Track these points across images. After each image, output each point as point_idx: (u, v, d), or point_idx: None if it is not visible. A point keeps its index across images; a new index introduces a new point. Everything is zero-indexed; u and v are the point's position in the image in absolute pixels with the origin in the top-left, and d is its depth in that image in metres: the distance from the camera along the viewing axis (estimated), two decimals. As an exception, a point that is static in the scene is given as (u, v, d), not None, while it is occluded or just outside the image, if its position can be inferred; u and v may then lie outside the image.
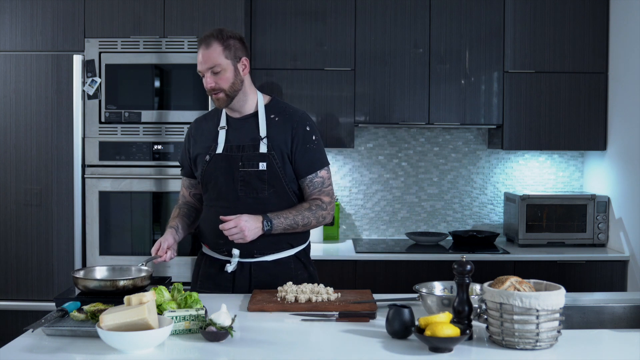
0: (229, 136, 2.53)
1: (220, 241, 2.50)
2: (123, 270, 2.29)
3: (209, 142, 2.56)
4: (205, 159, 2.53)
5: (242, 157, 2.48)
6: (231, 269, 2.50)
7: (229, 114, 2.58)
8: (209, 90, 2.47)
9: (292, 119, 2.54)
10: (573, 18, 3.83)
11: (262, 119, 2.53)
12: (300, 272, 2.57)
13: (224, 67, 2.44)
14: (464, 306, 1.85)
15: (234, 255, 2.49)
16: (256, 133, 2.51)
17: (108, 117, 3.48)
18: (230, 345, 1.82)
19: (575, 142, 3.86)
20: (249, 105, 2.55)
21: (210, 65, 2.43)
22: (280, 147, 2.49)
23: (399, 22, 3.82)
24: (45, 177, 3.50)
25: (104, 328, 1.74)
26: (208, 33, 2.48)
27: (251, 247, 2.47)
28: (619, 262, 3.62)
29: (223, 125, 2.55)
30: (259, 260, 2.51)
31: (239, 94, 2.49)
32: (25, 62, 3.49)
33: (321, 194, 2.54)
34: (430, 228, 4.21)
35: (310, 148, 2.52)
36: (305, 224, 2.48)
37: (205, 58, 2.44)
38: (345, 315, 2.06)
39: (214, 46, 2.44)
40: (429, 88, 3.83)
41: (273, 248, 2.51)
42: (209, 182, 2.54)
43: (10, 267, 3.51)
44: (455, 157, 4.20)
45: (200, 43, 2.47)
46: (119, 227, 3.49)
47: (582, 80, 3.84)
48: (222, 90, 2.46)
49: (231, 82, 2.46)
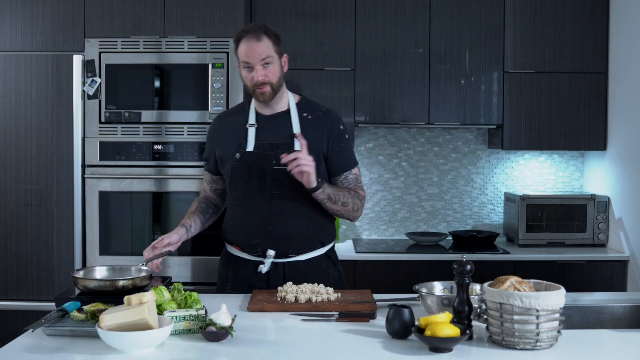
0: (260, 134, 2.51)
1: (254, 241, 2.49)
2: (123, 270, 2.29)
3: (237, 140, 2.52)
4: (235, 157, 2.50)
5: (277, 155, 2.43)
6: (265, 270, 2.48)
7: (258, 111, 2.55)
8: (258, 83, 2.43)
9: (326, 117, 2.55)
10: (573, 18, 3.83)
11: (294, 117, 2.53)
12: (331, 270, 2.58)
13: (274, 60, 2.45)
14: (464, 306, 1.85)
15: (269, 255, 2.47)
16: (290, 131, 2.50)
17: (108, 117, 3.49)
18: (230, 345, 1.82)
19: (575, 142, 3.86)
20: (282, 103, 2.55)
21: (264, 56, 2.42)
22: (315, 145, 2.48)
23: (399, 22, 3.82)
24: (45, 177, 3.50)
25: (104, 328, 1.74)
26: (252, 26, 2.45)
27: (286, 246, 2.48)
28: (619, 262, 3.62)
29: (252, 123, 2.53)
30: (293, 260, 2.50)
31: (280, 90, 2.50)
32: (25, 62, 3.49)
33: (357, 188, 2.57)
34: (430, 228, 4.21)
35: (344, 147, 2.55)
36: (343, 203, 2.47)
37: (258, 50, 2.41)
38: (345, 315, 2.06)
39: (264, 39, 2.43)
40: (429, 88, 3.83)
41: (306, 247, 2.52)
42: (239, 180, 2.51)
43: (10, 267, 3.51)
44: (455, 157, 4.20)
45: (244, 35, 2.44)
46: (119, 227, 3.49)
47: (582, 80, 3.84)
48: (270, 83, 2.44)
49: (278, 76, 2.47)
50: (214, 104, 3.45)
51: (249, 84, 2.46)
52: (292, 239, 2.47)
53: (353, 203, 2.51)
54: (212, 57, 3.46)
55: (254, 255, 2.52)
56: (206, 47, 3.46)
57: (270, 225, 2.47)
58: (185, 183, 3.47)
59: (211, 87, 3.45)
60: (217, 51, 3.46)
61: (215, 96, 3.45)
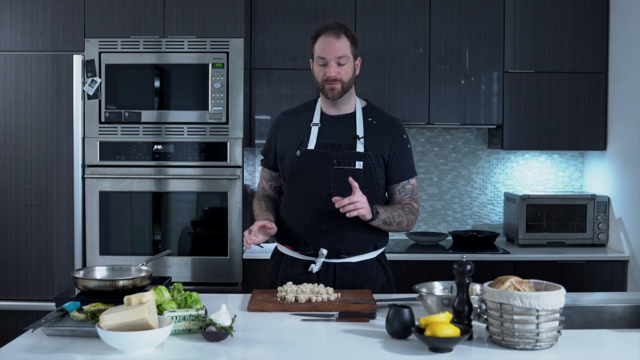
0: (323, 133, 2.52)
1: (307, 239, 2.48)
2: (123, 270, 2.28)
3: (299, 137, 2.53)
4: (295, 154, 2.51)
5: (338, 155, 2.47)
6: (316, 269, 2.48)
7: (324, 111, 2.57)
8: (330, 78, 2.45)
9: (392, 125, 2.57)
10: (573, 18, 3.83)
11: (359, 120, 2.54)
12: (380, 275, 2.57)
13: (349, 60, 2.47)
14: (464, 306, 1.85)
15: (321, 254, 2.47)
16: (353, 133, 2.52)
17: (108, 117, 3.49)
18: (230, 345, 1.82)
19: (575, 142, 3.86)
20: (350, 105, 2.56)
21: (340, 54, 2.44)
22: (377, 150, 2.50)
23: (399, 22, 3.82)
24: (45, 177, 3.50)
25: (104, 328, 1.74)
26: (333, 24, 2.49)
27: (339, 246, 2.47)
28: (619, 262, 3.62)
29: (317, 122, 2.54)
30: (344, 261, 2.50)
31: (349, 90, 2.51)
32: (25, 62, 3.49)
33: (412, 200, 2.58)
34: (430, 228, 4.21)
35: (405, 155, 2.56)
36: (398, 223, 2.50)
37: (336, 47, 2.44)
38: (345, 315, 2.06)
39: (343, 38, 2.46)
40: (429, 88, 3.83)
41: (359, 249, 2.51)
42: (297, 178, 2.51)
43: (10, 267, 3.51)
44: (455, 157, 4.20)
45: (324, 31, 2.47)
46: (119, 227, 3.49)
47: (582, 80, 3.84)
48: (341, 81, 2.46)
49: (350, 75, 2.49)
50: (214, 104, 3.45)
51: (319, 79, 2.48)
52: (345, 239, 2.46)
53: (408, 219, 2.52)
54: (212, 57, 3.46)
55: (306, 255, 2.51)
56: (206, 47, 3.46)
57: (325, 224, 2.46)
58: (185, 183, 3.47)
59: (211, 87, 3.45)
60: (217, 51, 3.46)
61: (215, 96, 3.45)
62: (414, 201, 2.59)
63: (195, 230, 3.52)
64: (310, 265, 2.49)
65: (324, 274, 2.49)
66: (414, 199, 2.59)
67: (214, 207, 3.51)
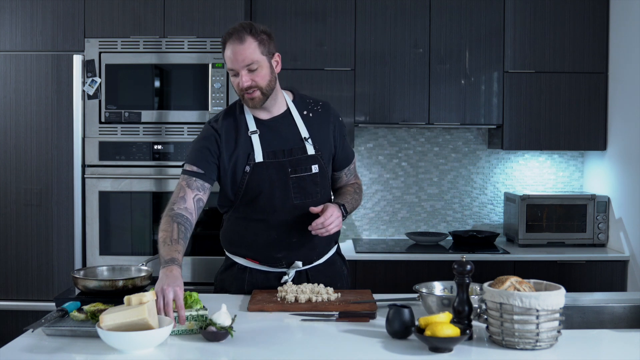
0: (265, 141, 2.33)
1: (277, 255, 2.38)
2: (123, 270, 2.29)
3: (243, 150, 2.33)
4: (244, 170, 2.32)
5: (291, 162, 2.32)
6: (290, 280, 2.39)
7: (256, 116, 2.36)
8: (245, 89, 2.25)
9: (327, 112, 2.44)
10: (573, 18, 3.83)
11: (297, 117, 2.39)
12: (343, 268, 2.57)
13: (261, 63, 2.25)
14: (464, 306, 1.85)
15: (296, 266, 2.40)
16: (297, 134, 2.37)
17: (108, 117, 3.48)
18: (230, 345, 1.82)
19: (575, 142, 3.86)
20: (279, 104, 2.38)
21: (248, 62, 2.23)
22: (326, 145, 2.40)
23: (399, 22, 3.82)
24: (45, 177, 3.50)
25: (104, 328, 1.74)
26: (237, 27, 2.26)
27: (311, 254, 2.42)
28: (619, 262, 3.62)
29: (254, 130, 2.34)
30: (315, 265, 2.46)
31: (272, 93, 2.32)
32: (25, 62, 3.49)
33: (356, 178, 2.60)
34: (430, 228, 4.21)
35: (346, 139, 2.53)
36: (358, 206, 2.52)
37: (241, 54, 2.22)
38: (345, 315, 2.06)
39: (248, 41, 2.23)
40: (429, 88, 3.83)
41: (327, 249, 2.49)
42: (254, 194, 2.34)
43: (10, 267, 3.51)
44: (455, 157, 4.20)
45: (228, 38, 2.25)
46: (119, 227, 3.49)
47: (582, 80, 3.84)
48: (259, 88, 2.26)
49: (268, 79, 2.28)
50: (214, 104, 3.45)
51: (237, 89, 2.29)
52: (316, 246, 2.40)
53: (360, 198, 2.55)
54: (212, 57, 3.46)
55: (276, 268, 2.42)
56: (206, 47, 3.46)
57: (295, 237, 2.36)
58: (185, 183, 3.47)
59: (211, 87, 3.45)
60: (217, 51, 3.46)
61: (215, 96, 3.45)
62: (357, 178, 2.61)
63: (195, 230, 3.51)
64: (284, 277, 2.41)
65: (297, 281, 2.41)
66: (356, 176, 2.61)
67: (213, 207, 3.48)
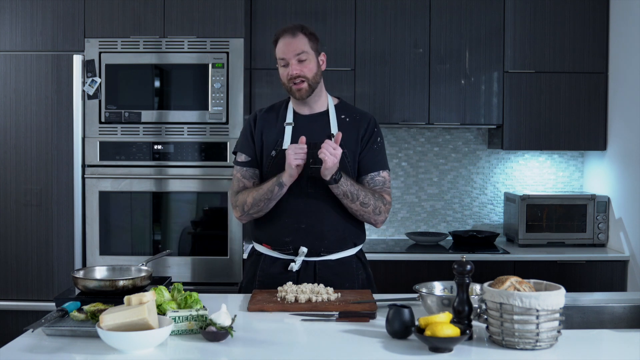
0: (297, 133, 2.48)
1: (286, 239, 2.48)
2: (123, 270, 2.29)
3: (274, 137, 2.51)
4: (270, 154, 2.50)
5: (313, 154, 2.40)
6: (296, 268, 2.47)
7: (297, 111, 2.54)
8: (293, 77, 2.43)
9: (363, 119, 2.55)
10: (573, 18, 3.83)
11: (333, 118, 2.53)
12: (360, 272, 2.57)
13: (310, 56, 2.45)
14: (464, 306, 1.85)
15: (301, 253, 2.46)
16: (327, 131, 2.50)
17: (108, 117, 3.48)
18: (230, 345, 1.82)
19: (575, 142, 3.86)
20: (321, 103, 2.55)
21: (298, 51, 2.43)
22: (350, 146, 2.49)
23: (399, 22, 3.82)
24: (45, 177, 3.50)
25: (104, 328, 1.74)
26: (291, 25, 2.48)
27: (318, 244, 2.47)
28: (619, 262, 3.62)
29: (290, 122, 2.52)
30: (324, 259, 2.50)
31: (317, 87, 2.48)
32: (25, 62, 3.49)
33: (383, 191, 2.52)
34: (430, 228, 4.21)
35: (375, 149, 2.53)
36: (363, 203, 2.43)
37: (292, 45, 2.43)
38: (345, 315, 2.06)
39: (300, 36, 2.44)
40: (429, 88, 3.83)
41: (338, 246, 2.51)
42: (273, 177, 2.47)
43: (10, 267, 3.51)
44: (455, 157, 4.20)
45: (281, 34, 2.46)
46: (119, 227, 3.49)
47: (582, 80, 3.84)
48: (306, 79, 2.44)
49: (314, 72, 2.46)
50: (214, 104, 3.45)
51: (285, 80, 2.46)
52: (325, 237, 2.46)
53: (375, 205, 2.45)
54: (212, 57, 3.46)
55: (285, 254, 2.50)
56: (206, 47, 3.46)
57: (304, 223, 2.46)
58: (185, 183, 3.47)
59: (211, 87, 3.45)
60: (217, 51, 3.46)
61: (215, 96, 3.45)
62: (385, 193, 2.53)
63: (195, 230, 3.52)
64: (290, 264, 2.48)
65: (304, 272, 2.48)
66: (385, 191, 2.53)
67: (214, 207, 3.51)
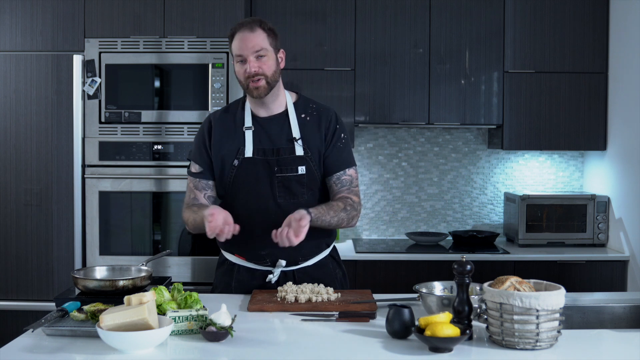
0: (257, 138, 2.38)
1: (262, 252, 2.39)
2: (123, 270, 2.29)
3: (235, 144, 2.39)
4: (233, 164, 2.37)
5: (279, 161, 2.34)
6: (275, 280, 2.39)
7: (254, 113, 2.42)
8: (251, 75, 2.31)
9: (323, 116, 2.44)
10: (573, 18, 3.83)
11: (293, 119, 2.41)
12: (337, 270, 2.53)
13: (268, 53, 2.34)
14: (464, 306, 1.85)
15: (279, 265, 2.38)
16: (289, 134, 2.39)
17: (108, 117, 3.49)
18: (230, 345, 1.82)
19: (575, 142, 3.86)
20: (279, 103, 2.42)
21: (257, 48, 2.31)
22: (316, 147, 2.39)
23: (399, 22, 3.82)
24: (45, 177, 3.50)
25: (104, 328, 1.74)
26: (247, 20, 2.38)
27: (296, 254, 2.38)
28: (619, 262, 3.62)
29: (249, 125, 2.40)
30: (302, 267, 2.45)
31: (275, 86, 2.37)
32: (25, 62, 3.49)
33: (350, 192, 2.42)
34: (430, 228, 4.21)
35: (339, 146, 2.43)
36: (337, 224, 2.36)
37: (251, 41, 2.31)
38: (345, 315, 2.06)
39: (258, 31, 2.33)
40: (429, 88, 3.83)
41: (314, 252, 2.45)
42: (240, 189, 2.38)
43: (10, 267, 3.51)
44: (455, 157, 4.20)
45: (238, 28, 2.36)
46: (119, 227, 3.49)
47: (582, 80, 3.84)
48: (264, 76, 2.32)
49: (273, 69, 2.35)
50: (214, 104, 3.45)
51: (242, 78, 2.34)
52: (302, 246, 2.30)
53: (348, 217, 2.37)
54: (212, 57, 3.46)
55: (262, 266, 2.43)
56: (206, 47, 3.46)
57: None
58: (185, 183, 3.46)
59: (211, 87, 3.45)
60: (217, 51, 3.46)
61: (215, 96, 3.45)
62: (353, 194, 2.42)
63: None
64: (268, 275, 2.39)
65: (283, 281, 2.39)
66: (352, 191, 2.43)
67: (214, 207, 3.51)
